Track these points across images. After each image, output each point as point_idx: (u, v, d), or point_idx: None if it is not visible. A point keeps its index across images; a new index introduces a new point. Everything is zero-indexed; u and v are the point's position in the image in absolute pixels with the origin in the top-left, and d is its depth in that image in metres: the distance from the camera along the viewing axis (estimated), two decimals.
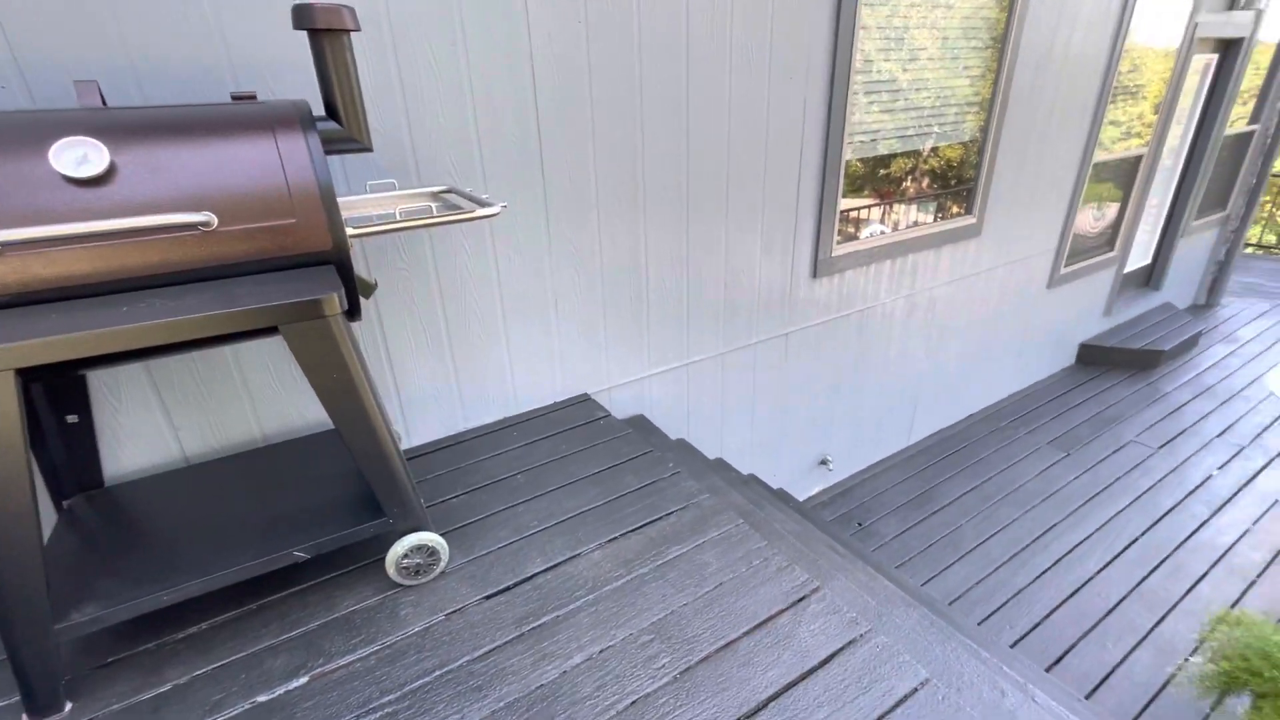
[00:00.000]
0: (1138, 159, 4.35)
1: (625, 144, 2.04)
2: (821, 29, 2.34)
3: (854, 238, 2.96)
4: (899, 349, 3.40)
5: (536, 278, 2.03)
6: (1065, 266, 4.18)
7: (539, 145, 1.88)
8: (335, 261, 1.14)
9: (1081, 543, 3.08)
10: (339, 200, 1.38)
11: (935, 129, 3.02)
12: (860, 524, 3.24)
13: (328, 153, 1.23)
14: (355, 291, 1.21)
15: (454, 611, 1.37)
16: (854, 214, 2.98)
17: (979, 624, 2.60)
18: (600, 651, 1.25)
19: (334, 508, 1.47)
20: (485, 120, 1.77)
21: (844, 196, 2.78)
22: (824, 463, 3.38)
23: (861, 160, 2.83)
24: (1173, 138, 4.74)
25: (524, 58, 1.77)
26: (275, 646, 1.28)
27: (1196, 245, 5.62)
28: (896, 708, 1.13)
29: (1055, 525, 3.20)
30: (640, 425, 2.39)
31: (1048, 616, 2.65)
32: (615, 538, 1.58)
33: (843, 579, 1.57)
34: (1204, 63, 4.63)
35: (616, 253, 2.17)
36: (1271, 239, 8.52)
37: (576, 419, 2.14)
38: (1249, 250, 7.65)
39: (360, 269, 1.71)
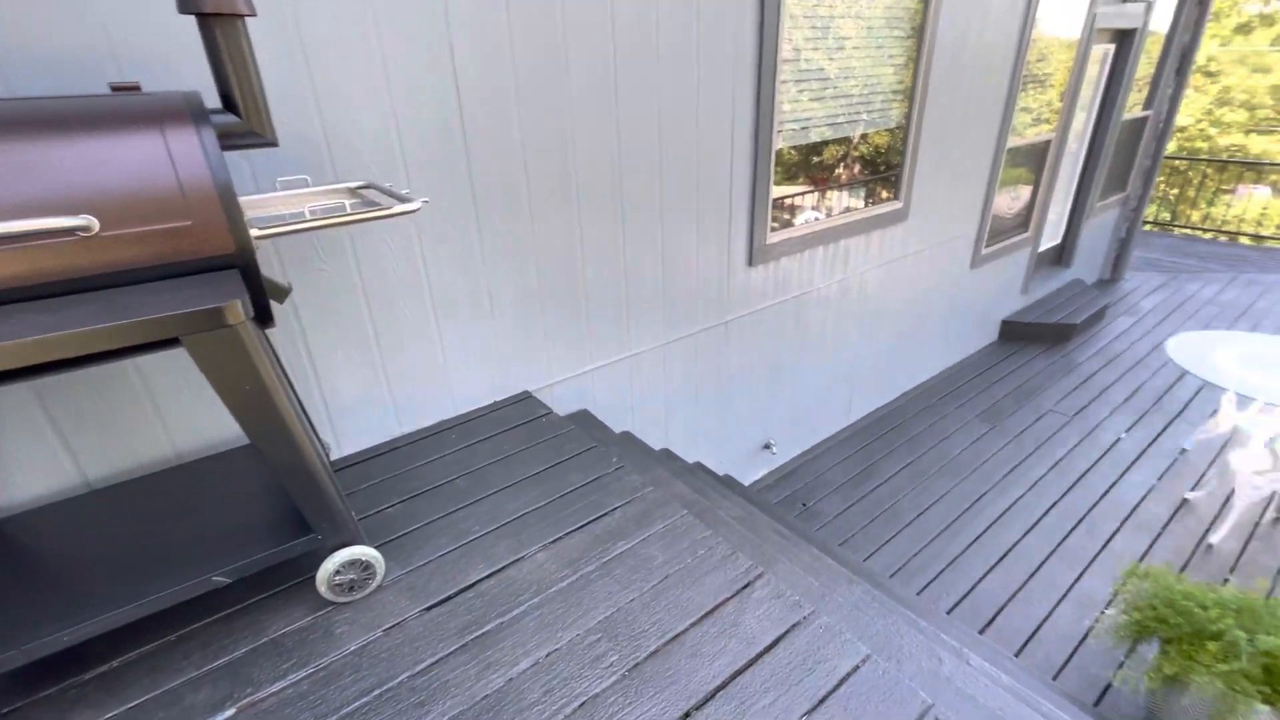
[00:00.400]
0: (1047, 144, 4.60)
1: (555, 136, 2.00)
2: (747, 18, 2.35)
3: (790, 225, 3.01)
4: (835, 332, 3.50)
5: (468, 275, 1.97)
6: (986, 248, 4.40)
7: (464, 138, 1.82)
8: (239, 265, 1.06)
9: (1008, 509, 3.26)
10: (243, 199, 1.29)
11: (864, 116, 3.10)
12: (804, 504, 3.33)
13: (227, 148, 1.14)
14: (264, 296, 1.13)
15: (393, 626, 1.32)
16: (788, 201, 3.03)
17: (918, 594, 2.71)
18: (547, 655, 1.23)
19: (259, 527, 1.39)
20: (405, 112, 1.69)
21: (778, 184, 2.82)
22: (768, 447, 3.45)
23: (794, 148, 2.88)
24: (1077, 123, 5.03)
25: (443, 46, 1.70)
26: (197, 679, 1.20)
27: (1101, 224, 6.02)
28: (840, 686, 1.16)
29: (984, 495, 3.38)
30: (584, 420, 2.36)
31: (980, 581, 2.80)
32: (560, 537, 1.55)
33: (786, 562, 1.60)
34: (1102, 52, 4.93)
35: (551, 246, 2.12)
36: (1166, 216, 9.22)
37: (518, 418, 2.10)
38: (1147, 228, 8.25)
39: (273, 272, 1.61)
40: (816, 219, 3.13)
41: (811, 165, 3.09)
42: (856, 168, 3.26)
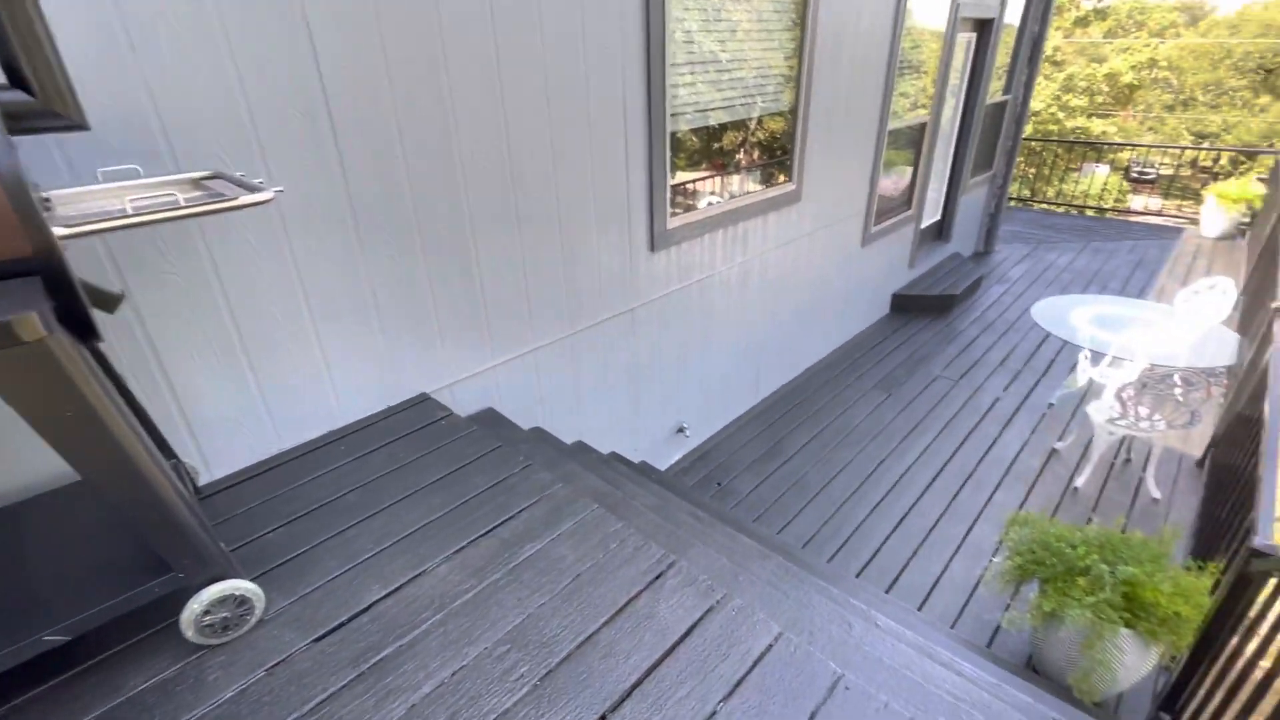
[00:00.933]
0: (923, 126, 4.89)
1: (437, 123, 1.87)
2: (632, 3, 2.30)
3: (692, 209, 3.02)
4: (739, 314, 3.56)
5: (348, 273, 1.81)
6: (875, 226, 4.63)
7: (330, 122, 1.66)
8: (41, 270, 0.89)
9: (905, 472, 3.47)
10: (51, 193, 1.10)
11: (757, 101, 3.14)
12: (719, 484, 3.39)
13: (18, 131, 0.96)
14: (83, 306, 0.97)
15: (277, 664, 1.19)
16: (689, 186, 3.04)
17: (829, 561, 2.83)
18: (452, 675, 1.15)
19: (107, 571, 1.21)
20: (257, 92, 1.52)
21: (680, 169, 2.81)
22: (681, 430, 3.48)
23: (692, 134, 2.87)
24: (948, 108, 5.39)
25: (296, 16, 1.53)
26: None
27: (973, 202, 6.51)
28: (754, 667, 1.16)
29: (884, 460, 3.57)
30: (489, 420, 2.26)
31: (884, 543, 2.96)
32: (464, 546, 1.47)
33: (700, 546, 1.59)
34: (966, 40, 5.30)
35: (441, 239, 2.00)
36: (1027, 193, 10.13)
37: (415, 422, 1.97)
38: (1011, 204, 9.03)
39: (103, 277, 1.40)
40: (715, 203, 3.16)
41: (709, 150, 3.11)
42: (752, 152, 3.31)
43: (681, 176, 2.98)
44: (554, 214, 2.32)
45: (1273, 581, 1.57)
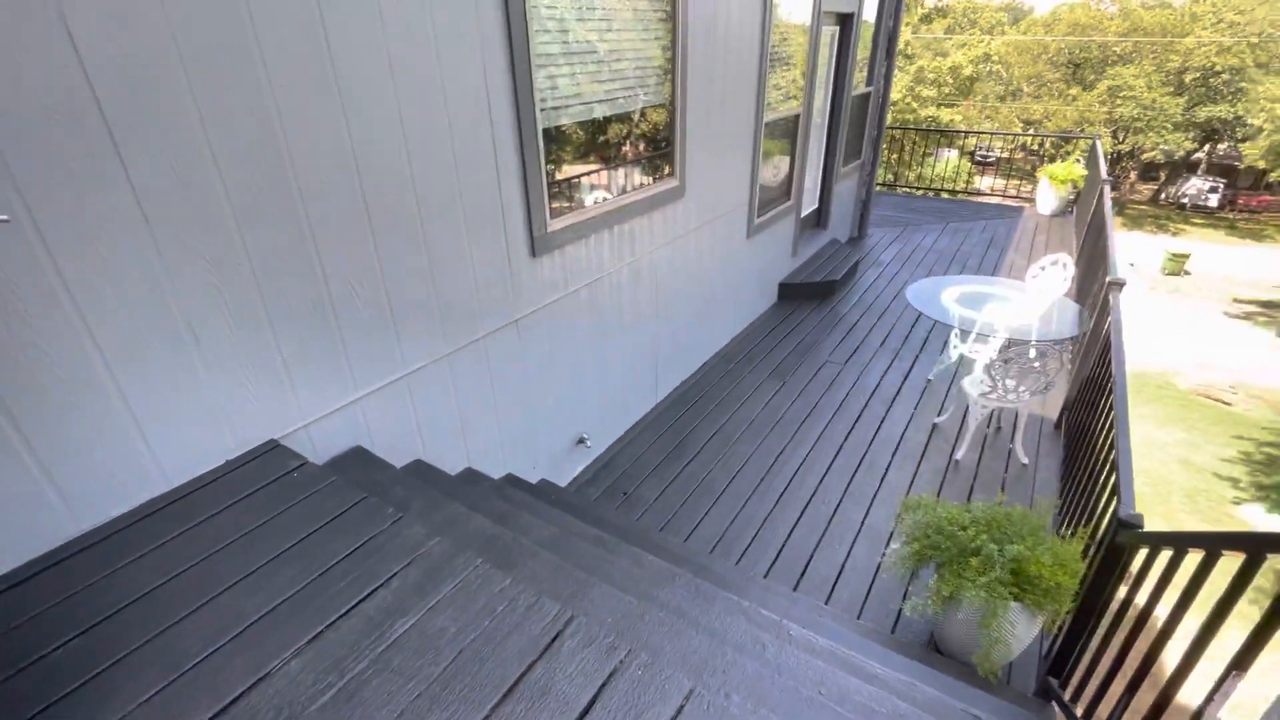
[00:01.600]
0: (796, 117, 5.01)
1: (256, 125, 1.57)
2: None
3: (576, 210, 2.84)
4: (632, 315, 3.45)
5: (152, 304, 1.49)
6: (758, 218, 4.69)
7: (107, 128, 1.33)
8: None
9: (804, 460, 3.53)
10: None
11: (637, 94, 3.02)
12: (625, 493, 3.27)
13: None
14: None
15: None
16: (572, 185, 2.86)
17: (737, 563, 2.80)
18: None
19: None
20: None
21: (560, 168, 2.63)
22: (582, 441, 3.32)
23: (569, 129, 2.70)
24: (818, 100, 5.57)
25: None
26: None
27: (846, 189, 6.82)
28: None
29: (783, 450, 3.62)
30: (356, 461, 1.99)
31: (790, 535, 2.97)
32: (320, 632, 1.23)
33: (601, 588, 1.45)
34: (830, 34, 5.49)
35: (275, 256, 1.70)
36: (891, 179, 10.83)
37: (261, 477, 1.67)
38: (879, 189, 9.62)
39: None
40: (601, 200, 3.01)
41: (591, 147, 2.95)
42: (633, 148, 3.19)
43: (561, 176, 2.80)
44: (415, 221, 2.07)
45: (1143, 551, 1.67)
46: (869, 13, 6.00)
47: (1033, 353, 3.39)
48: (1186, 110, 27.83)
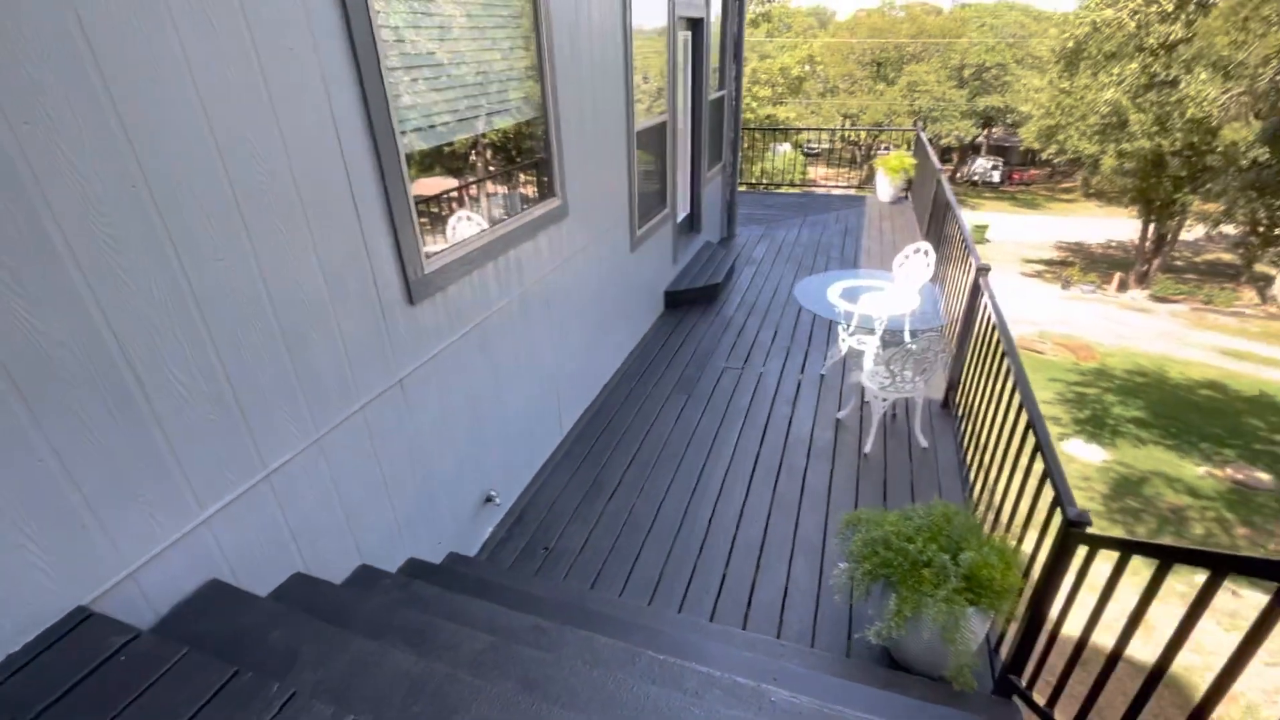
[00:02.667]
0: (664, 124, 4.93)
1: None
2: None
3: (454, 245, 2.47)
4: (528, 350, 3.13)
5: None
6: (640, 229, 4.53)
7: None
8: None
9: (726, 475, 3.42)
10: None
11: (513, 107, 2.70)
12: (546, 548, 2.95)
13: None
14: None
15: None
16: (446, 217, 2.49)
17: (680, 609, 2.60)
18: None
19: None
20: None
21: (430, 199, 2.26)
22: (490, 499, 2.95)
23: (445, 149, 2.33)
24: (681, 105, 5.54)
25: None
26: None
27: (712, 191, 6.91)
28: None
29: (703, 468, 3.48)
30: (212, 605, 1.52)
31: (728, 564, 2.83)
32: None
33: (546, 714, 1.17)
34: (684, 38, 5.48)
35: (48, 336, 1.21)
36: (752, 178, 11.27)
37: (65, 673, 1.18)
38: (742, 189, 9.95)
39: None
40: (483, 229, 2.66)
41: (465, 170, 2.59)
42: (512, 168, 2.87)
43: (435, 208, 2.43)
44: (256, 280, 1.63)
45: (1084, 549, 1.69)
46: (715, 18, 6.09)
47: (921, 343, 3.53)
48: (969, 101, 32.15)
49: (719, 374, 4.49)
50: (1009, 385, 2.72)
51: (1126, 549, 1.57)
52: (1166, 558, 1.53)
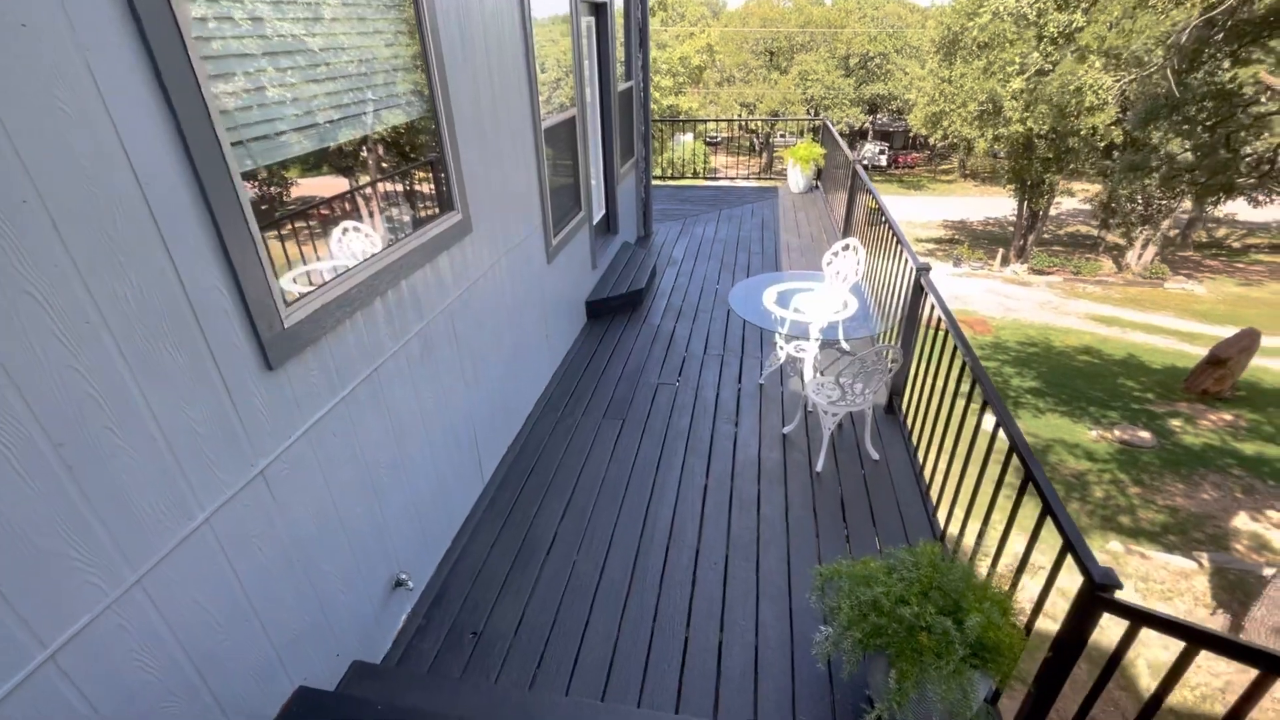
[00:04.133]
0: (572, 119, 4.48)
1: None
2: None
3: (327, 284, 1.93)
4: (435, 396, 2.62)
5: None
6: (555, 236, 4.08)
7: None
8: None
9: (674, 516, 3.06)
10: None
11: (389, 105, 2.16)
12: (474, 633, 2.48)
13: None
14: None
15: None
16: (313, 247, 1.94)
17: (639, 703, 2.22)
18: None
19: None
20: None
21: (296, 223, 1.71)
22: (401, 583, 2.43)
23: (306, 160, 1.78)
24: (589, 99, 5.10)
25: None
26: None
27: (627, 189, 6.52)
28: None
29: (648, 508, 3.11)
30: None
31: (689, 631, 2.48)
32: None
33: None
34: (588, 25, 5.03)
35: None
36: (657, 172, 10.96)
37: None
38: (655, 184, 9.63)
39: None
40: (365, 258, 2.12)
41: (333, 186, 2.05)
42: (396, 180, 2.35)
43: (299, 238, 1.88)
44: (36, 359, 1.07)
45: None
46: (619, 3, 5.67)
47: (872, 356, 3.33)
48: (856, 89, 33.63)
49: (653, 391, 4.13)
50: (964, 389, 2.57)
51: (1170, 628, 1.35)
52: (1204, 644, 1.30)
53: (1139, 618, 1.38)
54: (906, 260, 3.70)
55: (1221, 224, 25.55)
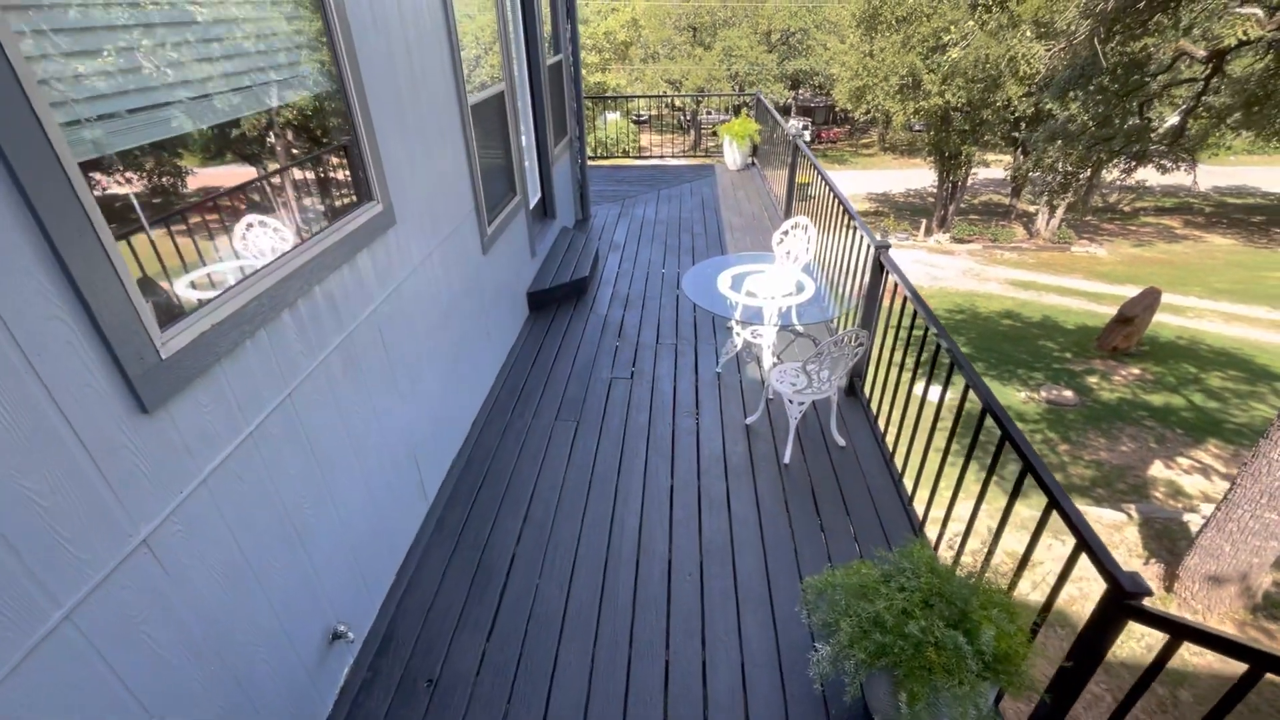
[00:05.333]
0: (501, 94, 4.10)
1: None
2: None
3: (215, 300, 1.57)
4: (364, 415, 2.28)
5: None
6: (490, 225, 3.73)
7: None
8: None
9: (641, 524, 2.85)
10: None
11: (286, 81, 1.78)
12: (430, 681, 2.20)
13: None
14: None
15: None
16: (192, 249, 1.57)
17: None
18: None
19: None
20: None
21: (169, 223, 1.35)
22: (339, 636, 2.11)
23: (177, 145, 1.40)
24: (516, 73, 4.71)
25: None
26: None
27: (561, 170, 6.17)
28: None
29: (613, 517, 2.89)
30: None
31: (669, 652, 2.28)
32: None
33: None
34: None
35: None
36: (590, 152, 10.57)
37: None
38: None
39: None
40: (264, 262, 1.76)
41: (218, 175, 1.67)
42: (297, 168, 1.97)
43: (172, 243, 1.51)
44: None
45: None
46: None
47: (838, 340, 3.21)
48: (779, 65, 33.88)
49: (607, 387, 3.89)
50: (927, 365, 2.47)
51: (1218, 645, 1.23)
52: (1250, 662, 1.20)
53: (1178, 631, 1.27)
54: (862, 238, 3.59)
55: (1114, 190, 27.50)
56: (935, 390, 3.33)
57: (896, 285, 3.05)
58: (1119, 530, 6.16)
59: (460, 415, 3.33)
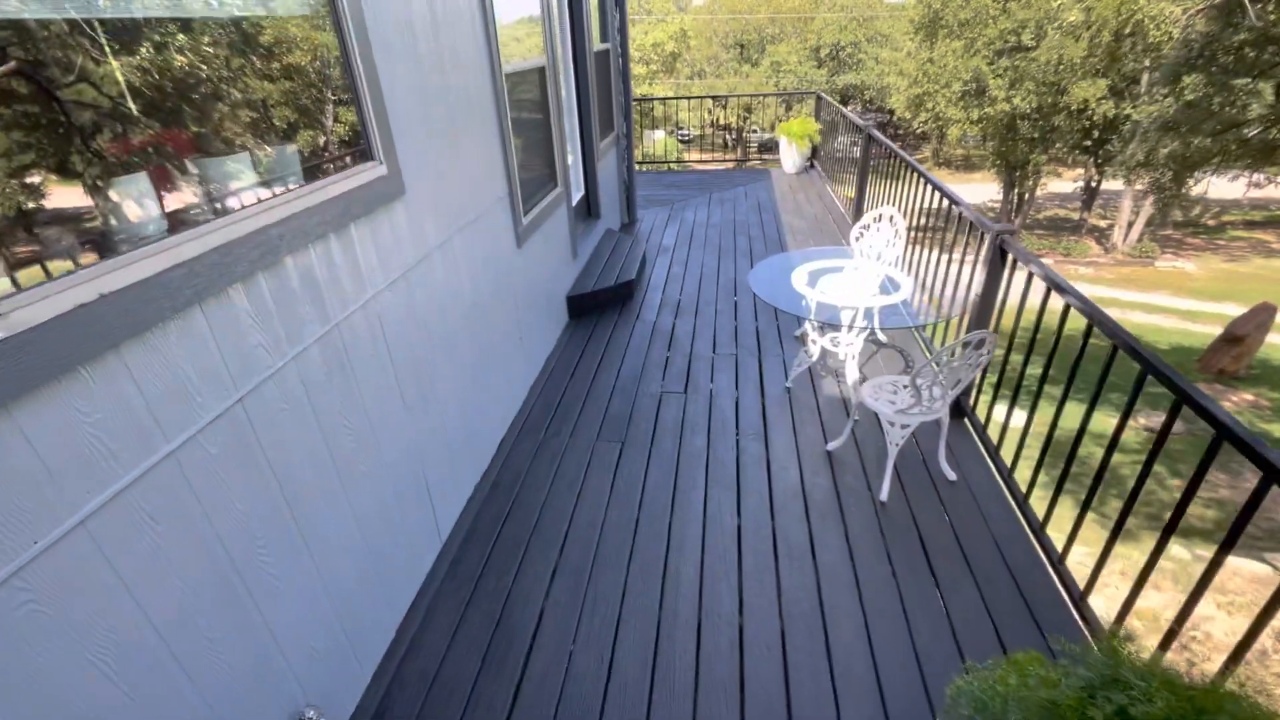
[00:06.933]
0: (541, 69, 3.65)
1: None
2: None
3: (131, 250, 1.09)
4: (355, 430, 1.78)
5: None
6: (526, 215, 3.25)
7: None
8: None
9: (702, 570, 2.26)
10: None
11: None
12: None
13: None
14: None
15: None
16: (102, 201, 1.11)
17: None
18: None
19: None
20: None
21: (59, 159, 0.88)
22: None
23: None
24: (559, 51, 4.28)
25: None
26: None
27: (607, 167, 5.71)
28: None
29: (666, 561, 2.31)
30: None
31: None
32: None
33: None
34: None
35: None
36: (638, 155, 10.16)
37: None
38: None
39: None
40: (229, 211, 1.29)
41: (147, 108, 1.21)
42: (260, 110, 1.52)
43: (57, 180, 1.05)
44: None
45: None
46: None
47: (962, 352, 2.59)
48: (829, 79, 33.22)
49: (656, 402, 3.33)
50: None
51: None
52: None
53: None
54: (970, 225, 2.96)
55: (1198, 203, 25.58)
56: (1075, 410, 2.67)
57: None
58: (1266, 586, 5.18)
59: (484, 433, 2.82)
